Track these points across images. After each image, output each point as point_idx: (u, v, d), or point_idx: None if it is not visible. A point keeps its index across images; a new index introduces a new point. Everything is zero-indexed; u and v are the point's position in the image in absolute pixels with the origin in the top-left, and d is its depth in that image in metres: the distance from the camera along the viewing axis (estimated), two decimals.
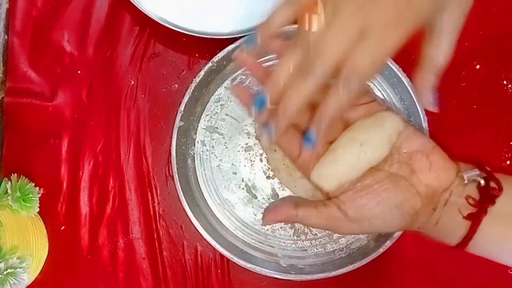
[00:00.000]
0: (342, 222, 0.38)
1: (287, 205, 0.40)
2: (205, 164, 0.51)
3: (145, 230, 0.52)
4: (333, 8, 0.31)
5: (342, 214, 0.38)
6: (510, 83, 0.51)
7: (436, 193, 0.38)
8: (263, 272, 0.48)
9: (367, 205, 0.37)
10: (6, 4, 0.53)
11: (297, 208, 0.39)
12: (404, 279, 0.51)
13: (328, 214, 0.38)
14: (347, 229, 0.39)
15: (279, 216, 0.40)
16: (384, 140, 0.38)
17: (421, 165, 0.38)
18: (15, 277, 0.42)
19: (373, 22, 0.30)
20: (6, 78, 0.53)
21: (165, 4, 0.50)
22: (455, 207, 0.37)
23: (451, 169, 0.38)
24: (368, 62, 0.31)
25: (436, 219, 0.38)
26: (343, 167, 0.38)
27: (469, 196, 0.37)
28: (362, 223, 0.38)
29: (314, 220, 0.39)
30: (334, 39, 0.31)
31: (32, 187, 0.47)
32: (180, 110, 0.49)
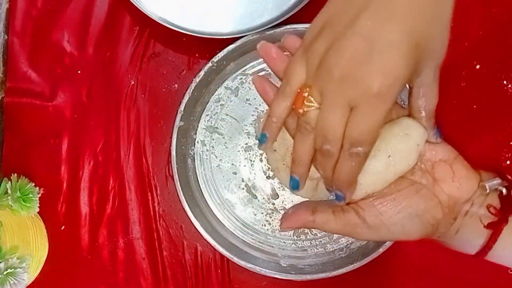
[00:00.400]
0: (360, 228, 0.37)
1: (304, 211, 0.39)
2: (205, 164, 0.51)
3: (145, 230, 0.52)
4: (320, 92, 0.33)
5: (361, 220, 0.37)
6: (510, 83, 0.51)
7: (457, 204, 0.37)
8: (263, 272, 0.48)
9: (387, 212, 0.37)
10: (6, 4, 0.53)
11: (314, 214, 0.39)
12: (404, 279, 0.51)
13: (346, 220, 0.38)
14: (365, 235, 0.38)
15: (296, 222, 0.39)
16: (412, 151, 0.37)
17: (444, 175, 0.37)
18: (15, 277, 0.42)
19: (356, 97, 0.32)
20: (6, 78, 0.53)
21: (165, 4, 0.50)
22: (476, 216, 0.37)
23: (473, 179, 0.38)
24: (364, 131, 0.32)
25: (456, 228, 0.37)
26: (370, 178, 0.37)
27: (490, 205, 0.36)
28: (380, 230, 0.37)
29: (332, 226, 0.38)
30: (329, 119, 0.33)
31: (32, 187, 0.47)
32: (180, 110, 0.49)
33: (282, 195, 0.50)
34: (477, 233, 0.37)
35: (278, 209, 0.50)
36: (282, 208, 0.50)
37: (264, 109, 0.50)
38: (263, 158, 0.50)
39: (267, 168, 0.50)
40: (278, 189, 0.50)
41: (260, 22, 0.50)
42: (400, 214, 0.37)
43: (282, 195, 0.50)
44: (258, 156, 0.50)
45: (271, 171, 0.50)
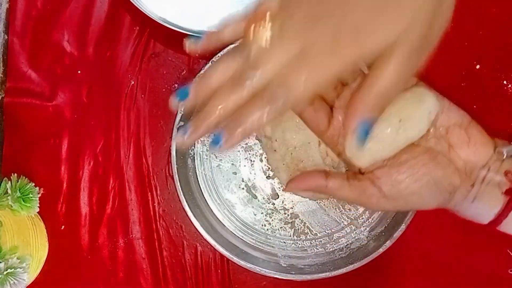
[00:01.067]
0: (376, 198, 0.36)
1: (317, 174, 0.38)
2: (205, 164, 0.51)
3: (145, 230, 0.52)
4: (280, 26, 0.30)
5: (377, 190, 0.36)
6: (510, 83, 0.51)
7: (475, 169, 0.36)
8: (263, 272, 0.48)
9: (404, 181, 0.36)
10: (6, 4, 0.53)
11: (327, 178, 0.38)
12: (404, 279, 0.51)
13: (361, 189, 0.37)
14: (380, 205, 0.37)
15: (307, 183, 0.38)
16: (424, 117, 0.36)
17: (459, 140, 0.36)
18: (15, 277, 0.42)
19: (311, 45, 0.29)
20: (6, 78, 0.53)
21: (165, 4, 0.50)
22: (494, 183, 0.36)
23: (489, 143, 0.37)
24: (299, 83, 0.30)
25: (473, 196, 0.36)
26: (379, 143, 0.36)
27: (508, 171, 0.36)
28: (397, 200, 0.36)
29: (346, 193, 0.37)
30: (275, 56, 0.30)
31: (32, 187, 0.47)
32: (180, 110, 0.49)
33: (282, 195, 0.50)
34: (494, 200, 0.36)
35: (278, 209, 0.50)
36: (282, 208, 0.50)
37: None
38: (263, 158, 0.50)
39: (267, 168, 0.50)
40: (278, 189, 0.50)
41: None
42: (417, 182, 0.36)
43: (282, 195, 0.50)
44: (258, 156, 0.50)
45: (271, 171, 0.50)
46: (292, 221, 0.50)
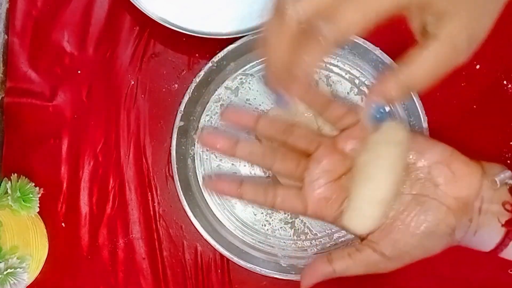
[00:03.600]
0: (383, 263, 0.35)
1: (320, 263, 0.37)
2: (205, 164, 0.51)
3: (145, 230, 0.52)
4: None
5: (379, 255, 0.35)
6: (510, 83, 0.51)
7: (468, 203, 0.35)
8: (263, 272, 0.48)
9: (402, 239, 0.35)
10: (6, 4, 0.53)
11: (331, 263, 0.37)
12: (404, 279, 0.51)
13: (365, 260, 0.36)
14: (390, 267, 0.36)
15: (316, 276, 0.38)
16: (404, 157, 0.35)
17: (444, 178, 0.35)
18: (15, 277, 0.42)
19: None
20: (6, 78, 0.53)
21: (165, 4, 0.50)
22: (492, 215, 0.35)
23: (475, 172, 0.35)
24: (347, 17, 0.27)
25: (474, 229, 0.35)
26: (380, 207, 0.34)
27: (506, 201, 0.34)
28: (403, 258, 0.35)
29: (354, 269, 0.36)
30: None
31: (32, 187, 0.47)
32: (180, 110, 0.49)
33: None
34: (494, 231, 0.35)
35: (278, 209, 0.50)
36: None
37: (264, 109, 0.50)
38: None
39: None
40: None
41: (260, 22, 0.50)
42: (414, 236, 0.34)
43: None
44: None
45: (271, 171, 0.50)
46: (292, 221, 0.50)
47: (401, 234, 0.35)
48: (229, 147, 0.41)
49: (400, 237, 0.35)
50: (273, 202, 0.40)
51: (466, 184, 0.35)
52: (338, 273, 0.37)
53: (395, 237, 0.35)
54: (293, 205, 0.39)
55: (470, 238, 0.36)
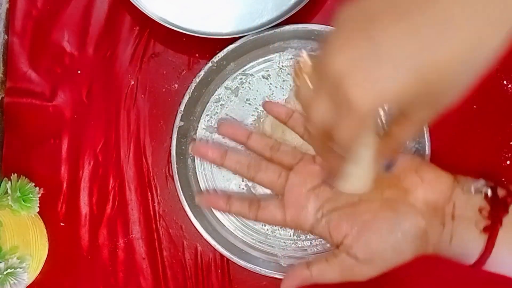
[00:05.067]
0: (357, 267, 0.36)
1: (299, 268, 0.39)
2: (205, 164, 0.51)
3: (145, 230, 0.52)
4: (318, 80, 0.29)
5: (353, 259, 0.36)
6: (510, 83, 0.51)
7: (437, 207, 0.36)
8: (263, 272, 0.48)
9: (373, 241, 0.36)
10: (6, 4, 0.53)
11: (309, 267, 0.38)
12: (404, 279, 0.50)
13: (340, 264, 0.37)
14: (365, 273, 0.37)
15: (295, 281, 0.39)
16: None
17: (413, 183, 0.37)
18: (15, 277, 0.42)
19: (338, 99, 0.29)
20: (6, 78, 0.53)
21: (165, 4, 0.50)
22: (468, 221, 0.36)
23: (444, 180, 0.37)
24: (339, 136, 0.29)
25: (449, 235, 0.36)
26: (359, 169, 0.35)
27: (481, 208, 0.36)
28: (376, 262, 0.36)
29: (330, 274, 0.38)
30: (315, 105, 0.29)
31: (32, 187, 0.47)
32: (180, 110, 0.49)
33: None
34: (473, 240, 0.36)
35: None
36: None
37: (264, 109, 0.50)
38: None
39: None
40: None
41: (260, 22, 0.50)
42: (385, 238, 0.36)
43: None
44: None
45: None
46: None
47: (373, 238, 0.36)
48: (219, 157, 0.45)
49: (372, 241, 0.36)
50: (255, 214, 0.43)
51: (434, 188, 0.37)
52: (315, 278, 0.38)
53: (367, 241, 0.36)
54: (273, 215, 0.41)
55: (447, 245, 0.37)
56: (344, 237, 0.37)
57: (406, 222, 0.36)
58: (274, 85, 0.50)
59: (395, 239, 0.36)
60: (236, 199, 0.44)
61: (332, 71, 0.26)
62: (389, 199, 0.37)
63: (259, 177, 0.44)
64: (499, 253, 0.36)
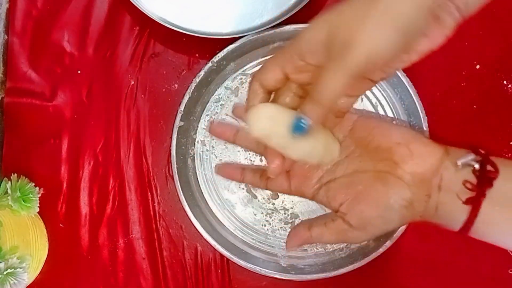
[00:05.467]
0: (351, 232, 0.39)
1: (301, 229, 0.41)
2: (205, 164, 0.51)
3: (145, 230, 0.52)
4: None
5: (347, 225, 0.39)
6: (510, 83, 0.51)
7: (424, 179, 0.38)
8: (263, 272, 0.48)
9: (365, 210, 0.39)
10: (6, 4, 0.53)
11: (310, 229, 0.41)
12: (404, 279, 0.51)
13: (336, 228, 0.40)
14: (358, 238, 0.40)
15: (297, 240, 0.42)
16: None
17: (402, 156, 0.39)
18: (15, 277, 0.42)
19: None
20: (6, 78, 0.53)
21: (165, 4, 0.50)
22: (453, 193, 0.37)
23: (434, 153, 0.39)
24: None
25: (434, 205, 0.38)
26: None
27: (466, 180, 0.37)
28: (367, 228, 0.39)
29: (327, 236, 0.40)
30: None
31: (32, 187, 0.47)
32: (180, 110, 0.49)
33: (282, 195, 0.50)
34: (457, 209, 0.37)
35: (278, 209, 0.50)
36: (282, 208, 0.50)
37: None
38: (263, 158, 0.50)
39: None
40: None
41: (260, 22, 0.50)
42: (375, 206, 0.38)
43: (282, 195, 0.50)
44: (258, 156, 0.50)
45: None
46: (292, 221, 0.50)
47: (364, 206, 0.39)
48: (231, 135, 0.46)
49: (364, 209, 0.39)
50: (265, 183, 0.44)
51: (422, 162, 0.39)
52: (314, 239, 0.41)
53: (360, 209, 0.39)
54: (280, 184, 0.43)
55: (432, 214, 0.39)
56: (340, 205, 0.40)
57: (393, 194, 0.38)
58: None
59: (383, 209, 0.38)
60: (249, 171, 0.45)
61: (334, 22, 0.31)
62: (381, 171, 0.39)
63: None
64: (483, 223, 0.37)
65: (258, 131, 0.36)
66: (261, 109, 0.37)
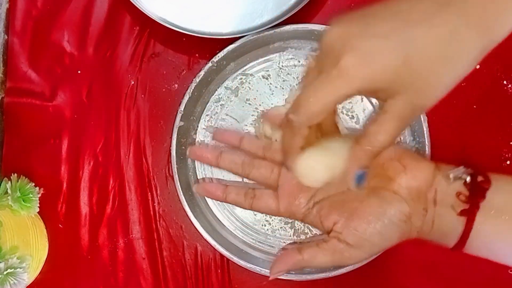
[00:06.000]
0: (347, 252, 0.38)
1: (290, 252, 0.40)
2: (204, 164, 0.51)
3: (145, 230, 0.52)
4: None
5: (343, 244, 0.38)
6: (510, 83, 0.51)
7: (420, 193, 0.38)
8: (263, 272, 0.48)
9: (361, 227, 0.38)
10: (6, 4, 0.53)
11: (301, 252, 0.40)
12: (404, 279, 0.51)
13: (331, 249, 0.39)
14: (355, 257, 0.39)
15: (286, 264, 0.41)
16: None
17: (396, 170, 0.39)
18: (15, 277, 0.42)
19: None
20: (6, 78, 0.53)
21: (165, 4, 0.50)
22: (447, 206, 0.38)
23: (426, 167, 0.39)
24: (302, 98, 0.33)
25: (431, 220, 0.38)
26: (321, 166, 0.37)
27: (459, 192, 0.38)
28: (364, 246, 0.38)
29: (321, 258, 0.39)
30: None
31: (32, 187, 0.47)
32: (180, 110, 0.49)
33: None
34: (452, 223, 0.38)
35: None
36: None
37: (263, 108, 0.50)
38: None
39: None
40: None
41: (260, 22, 0.50)
42: (372, 224, 0.38)
43: None
44: None
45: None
46: (292, 221, 0.50)
47: (361, 223, 0.38)
48: (214, 158, 0.47)
49: (360, 227, 0.38)
50: (250, 203, 0.44)
51: (416, 176, 0.39)
52: (305, 262, 0.40)
53: (356, 227, 0.38)
54: (267, 204, 0.43)
55: (429, 230, 0.39)
56: (334, 224, 0.39)
57: (392, 209, 0.38)
58: (274, 85, 0.50)
59: (382, 225, 0.38)
60: (232, 188, 0.46)
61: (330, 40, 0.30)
62: (375, 187, 0.39)
63: (253, 174, 0.46)
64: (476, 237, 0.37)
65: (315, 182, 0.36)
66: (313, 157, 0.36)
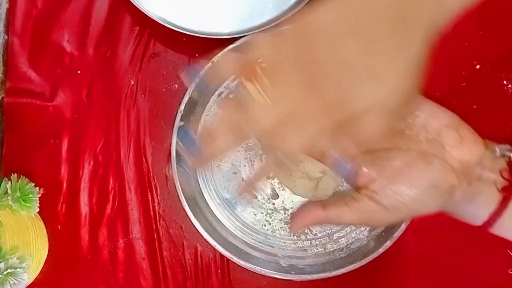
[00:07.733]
0: (379, 214, 0.36)
1: (314, 207, 0.39)
2: None
3: (145, 230, 0.52)
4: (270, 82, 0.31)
5: (377, 205, 0.36)
6: (510, 83, 0.51)
7: (470, 167, 0.37)
8: (263, 272, 0.48)
9: (403, 191, 0.36)
10: (6, 4, 0.53)
11: (325, 208, 0.38)
12: (404, 279, 0.51)
13: (361, 209, 0.37)
14: (385, 219, 0.37)
15: (308, 219, 0.39)
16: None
17: (452, 140, 0.37)
18: (15, 277, 0.42)
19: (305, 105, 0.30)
20: (6, 78, 0.53)
21: (165, 4, 0.50)
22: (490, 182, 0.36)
23: (479, 142, 0.38)
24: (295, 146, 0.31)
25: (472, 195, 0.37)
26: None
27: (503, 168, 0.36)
28: (400, 210, 0.36)
29: (348, 217, 0.38)
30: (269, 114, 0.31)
31: (32, 187, 0.47)
32: (180, 110, 0.49)
33: (282, 195, 0.50)
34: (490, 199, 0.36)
35: (278, 209, 0.50)
36: (282, 208, 0.50)
37: None
38: (263, 158, 0.50)
39: None
40: (278, 189, 0.50)
41: (260, 22, 0.50)
42: (416, 189, 0.36)
43: (282, 195, 0.50)
44: (258, 156, 0.50)
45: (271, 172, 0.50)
46: None
47: (404, 186, 0.36)
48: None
49: (402, 189, 0.36)
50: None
51: (470, 149, 0.37)
52: (331, 219, 0.38)
53: (397, 189, 0.36)
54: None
55: (466, 205, 0.37)
56: (370, 182, 0.37)
57: (440, 177, 0.36)
58: None
59: (425, 192, 0.36)
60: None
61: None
62: (425, 152, 0.37)
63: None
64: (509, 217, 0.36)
65: None
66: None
